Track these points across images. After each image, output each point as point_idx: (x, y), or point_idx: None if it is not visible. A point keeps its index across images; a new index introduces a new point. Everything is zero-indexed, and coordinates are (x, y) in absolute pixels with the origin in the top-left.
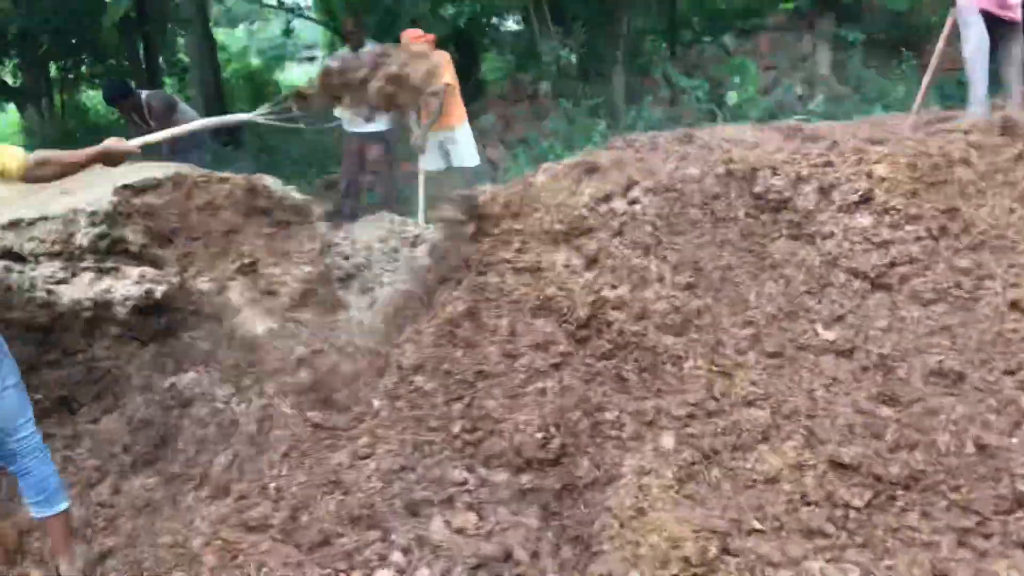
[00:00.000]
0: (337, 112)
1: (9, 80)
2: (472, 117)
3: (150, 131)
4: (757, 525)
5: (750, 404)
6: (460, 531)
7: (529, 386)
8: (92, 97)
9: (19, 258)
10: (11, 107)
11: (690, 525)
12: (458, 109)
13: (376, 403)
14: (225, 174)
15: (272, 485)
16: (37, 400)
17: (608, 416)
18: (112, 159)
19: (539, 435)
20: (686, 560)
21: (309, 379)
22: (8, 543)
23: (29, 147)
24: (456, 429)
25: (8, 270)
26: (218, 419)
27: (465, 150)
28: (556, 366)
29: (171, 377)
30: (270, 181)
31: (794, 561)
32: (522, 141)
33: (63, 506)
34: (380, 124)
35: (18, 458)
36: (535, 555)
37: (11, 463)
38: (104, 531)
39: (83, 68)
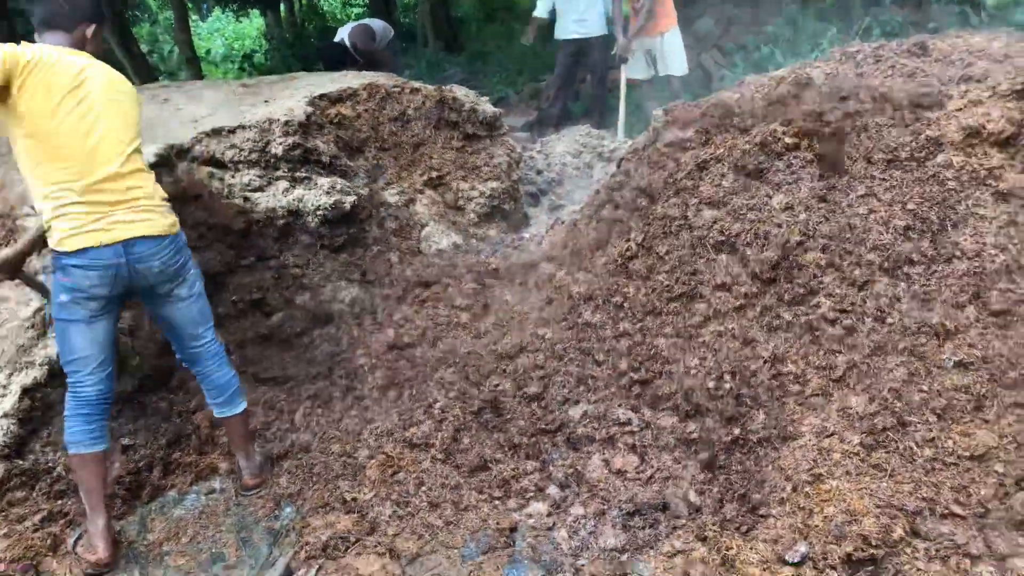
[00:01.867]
0: (538, 10)
1: None
2: (688, 22)
3: (362, 67)
4: (956, 509)
5: (964, 368)
6: (619, 473)
7: (705, 328)
8: (330, 0)
9: (220, 165)
10: (254, 12)
11: (874, 499)
12: (669, 14)
13: (544, 331)
14: (417, 84)
15: (437, 406)
16: (233, 301)
17: (791, 368)
18: None
19: (711, 382)
20: (864, 538)
21: (481, 301)
22: (200, 435)
23: (271, 48)
24: (623, 366)
25: (211, 176)
26: (386, 335)
27: (673, 58)
28: (738, 309)
29: (354, 288)
30: (461, 93)
31: (998, 555)
32: (741, 47)
33: (240, 408)
34: (598, 28)
35: (200, 361)
36: (696, 509)
37: (193, 365)
38: (284, 433)
39: None
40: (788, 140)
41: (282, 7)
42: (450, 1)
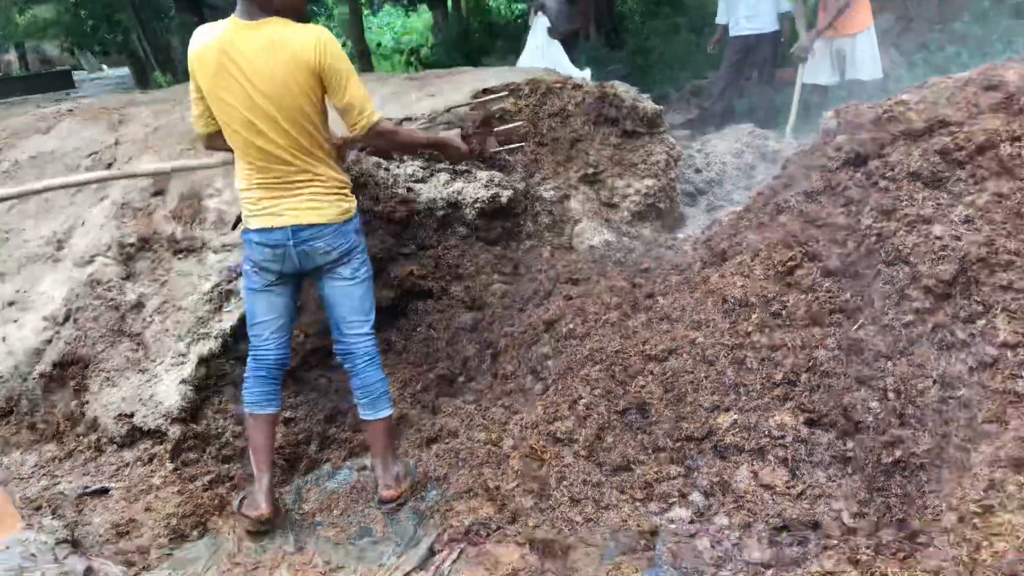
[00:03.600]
0: (720, 16)
1: None
2: None
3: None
4: None
5: None
6: (768, 486)
7: (869, 343)
8: None
9: (387, 155)
10: (423, 6)
11: None
12: (863, 12)
13: (695, 335)
14: (579, 80)
15: (582, 402)
16: (392, 285)
17: (963, 392)
18: (448, 152)
19: (874, 399)
20: None
21: (631, 301)
22: (355, 413)
23: (436, 43)
24: (778, 376)
25: (378, 166)
26: (534, 329)
27: (865, 62)
28: (907, 325)
29: (505, 281)
30: (622, 89)
31: None
32: (922, 47)
33: (385, 413)
34: (769, 23)
35: (352, 358)
36: (849, 530)
37: (346, 361)
38: (434, 418)
39: None
40: (972, 148)
41: (449, 3)
42: None
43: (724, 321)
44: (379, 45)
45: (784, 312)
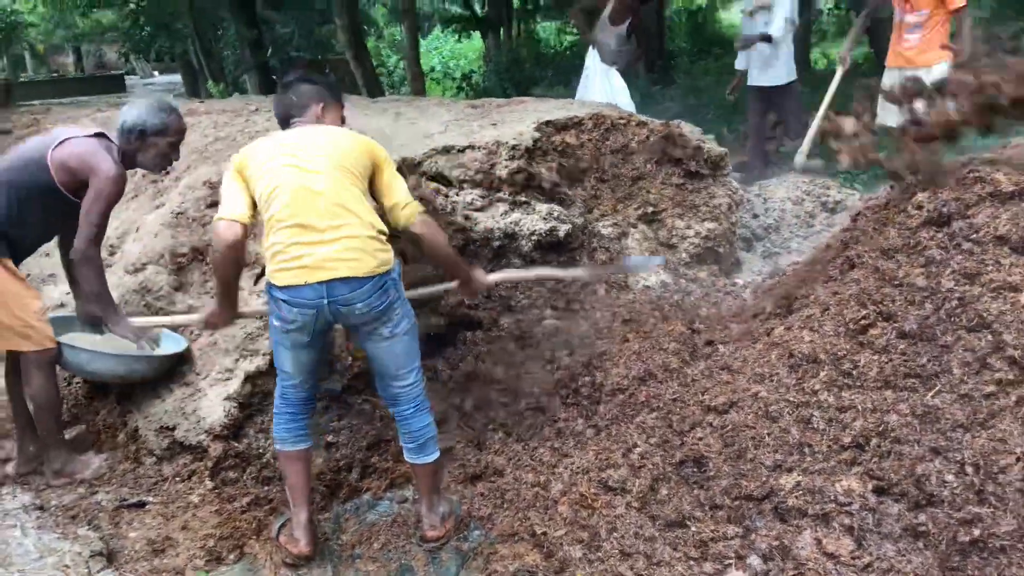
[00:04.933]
0: (739, 62)
1: (477, 10)
2: None
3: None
4: None
5: None
6: (831, 556)
7: (947, 411)
8: (545, 28)
9: (447, 182)
10: (476, 34)
11: None
12: (940, 37)
13: (758, 389)
14: (644, 118)
15: (637, 450)
16: (442, 313)
17: None
18: (468, 285)
19: (950, 472)
20: None
21: (690, 347)
22: (398, 443)
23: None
24: (846, 439)
25: (437, 192)
26: (586, 369)
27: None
28: (988, 396)
29: (558, 317)
30: (688, 129)
31: None
32: None
33: (432, 458)
34: (784, 76)
35: (399, 403)
36: None
37: (392, 406)
38: (480, 454)
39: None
40: None
41: (502, 31)
42: (665, 32)
43: (789, 376)
44: (433, 69)
45: (855, 372)
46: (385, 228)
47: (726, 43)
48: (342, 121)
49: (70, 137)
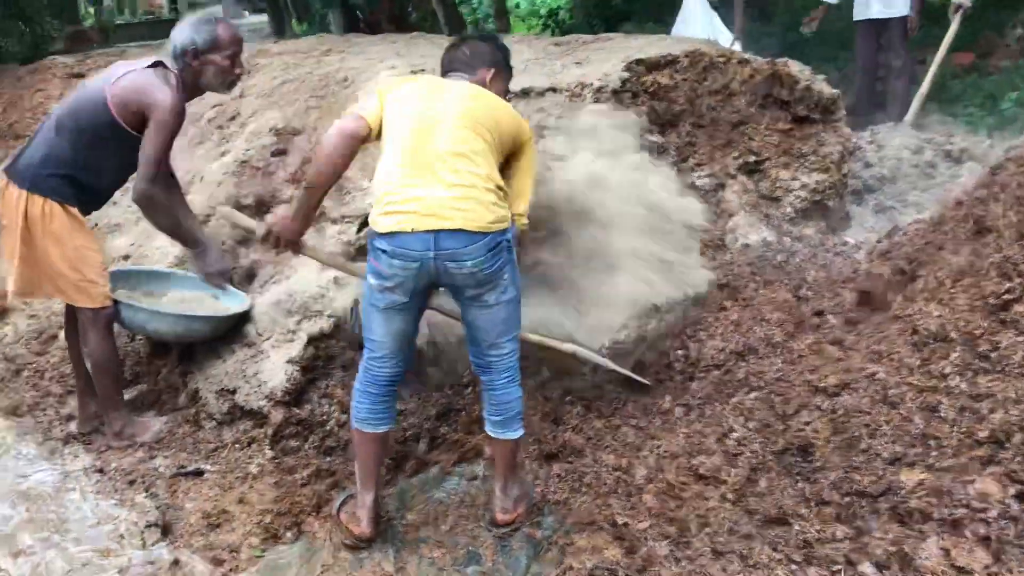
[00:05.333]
0: None
1: None
2: None
3: None
4: None
5: None
6: (962, 570)
7: None
8: None
9: None
10: None
11: None
12: None
13: (875, 369)
14: (746, 55)
15: (734, 436)
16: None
17: None
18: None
19: None
20: None
21: (796, 317)
22: (470, 412)
23: (575, 4)
24: (982, 433)
25: None
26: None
27: None
28: None
29: None
30: (796, 69)
31: None
32: None
33: (516, 435)
34: (900, 8)
35: (491, 371)
36: None
37: (483, 373)
38: (556, 430)
39: None
40: None
41: None
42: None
43: (913, 356)
44: (517, 6)
45: (994, 355)
46: (505, 186)
47: None
48: (504, 94)
49: (127, 72)
